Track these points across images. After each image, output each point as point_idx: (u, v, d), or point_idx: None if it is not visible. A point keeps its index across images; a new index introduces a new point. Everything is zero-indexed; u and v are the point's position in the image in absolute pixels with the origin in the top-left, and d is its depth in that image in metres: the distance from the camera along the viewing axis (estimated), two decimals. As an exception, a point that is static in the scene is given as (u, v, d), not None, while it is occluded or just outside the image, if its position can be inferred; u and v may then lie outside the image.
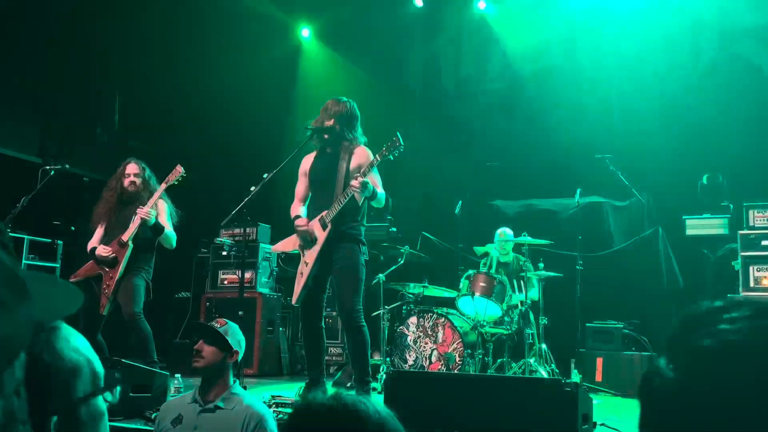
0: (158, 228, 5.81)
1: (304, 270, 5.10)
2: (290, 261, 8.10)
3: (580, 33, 8.72)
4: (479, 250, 7.51)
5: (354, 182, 4.80)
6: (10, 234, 6.31)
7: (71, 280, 5.80)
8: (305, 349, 5.45)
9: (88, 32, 8.77)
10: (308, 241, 5.08)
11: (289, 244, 5.31)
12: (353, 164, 5.06)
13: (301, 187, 5.33)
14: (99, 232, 5.98)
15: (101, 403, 0.96)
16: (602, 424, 4.19)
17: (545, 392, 3.65)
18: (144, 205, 5.78)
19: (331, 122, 5.11)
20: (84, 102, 9.19)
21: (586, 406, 3.69)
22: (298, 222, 5.15)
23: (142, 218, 5.69)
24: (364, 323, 5.01)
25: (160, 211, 5.93)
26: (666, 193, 7.87)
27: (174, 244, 6.04)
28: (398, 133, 4.87)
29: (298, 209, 5.26)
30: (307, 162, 5.33)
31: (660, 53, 8.22)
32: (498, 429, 3.61)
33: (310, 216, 5.17)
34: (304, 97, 9.55)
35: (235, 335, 3.46)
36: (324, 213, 5.03)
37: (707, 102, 7.80)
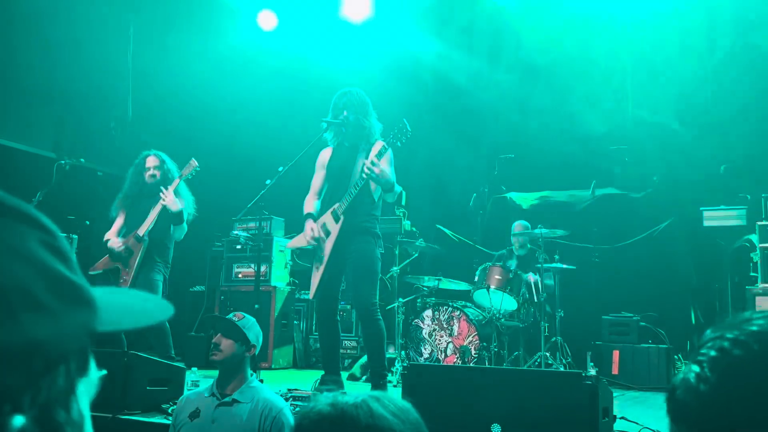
0: (180, 217, 5.81)
1: (319, 264, 5.08)
2: (303, 256, 8.09)
3: (593, 23, 8.63)
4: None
5: (366, 163, 4.73)
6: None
7: (90, 272, 5.82)
8: (320, 343, 5.44)
9: (101, 26, 8.78)
10: (320, 236, 5.05)
11: (303, 239, 5.26)
12: (371, 158, 5.00)
13: (317, 180, 5.29)
14: (118, 223, 5.99)
15: None
16: (622, 418, 4.16)
17: (565, 385, 3.61)
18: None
19: (344, 114, 5.08)
20: (97, 97, 9.21)
21: (606, 399, 3.65)
22: (307, 225, 5.11)
23: (164, 205, 5.68)
24: (381, 316, 4.99)
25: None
26: (682, 184, 7.79)
27: (182, 236, 6.04)
28: (405, 120, 4.83)
29: (312, 203, 5.21)
30: (325, 155, 5.30)
31: (675, 43, 8.13)
32: (516, 422, 3.58)
33: (325, 209, 5.14)
34: (319, 89, 9.52)
35: (253, 329, 3.46)
36: (336, 205, 4.99)
37: (723, 92, 7.72)
